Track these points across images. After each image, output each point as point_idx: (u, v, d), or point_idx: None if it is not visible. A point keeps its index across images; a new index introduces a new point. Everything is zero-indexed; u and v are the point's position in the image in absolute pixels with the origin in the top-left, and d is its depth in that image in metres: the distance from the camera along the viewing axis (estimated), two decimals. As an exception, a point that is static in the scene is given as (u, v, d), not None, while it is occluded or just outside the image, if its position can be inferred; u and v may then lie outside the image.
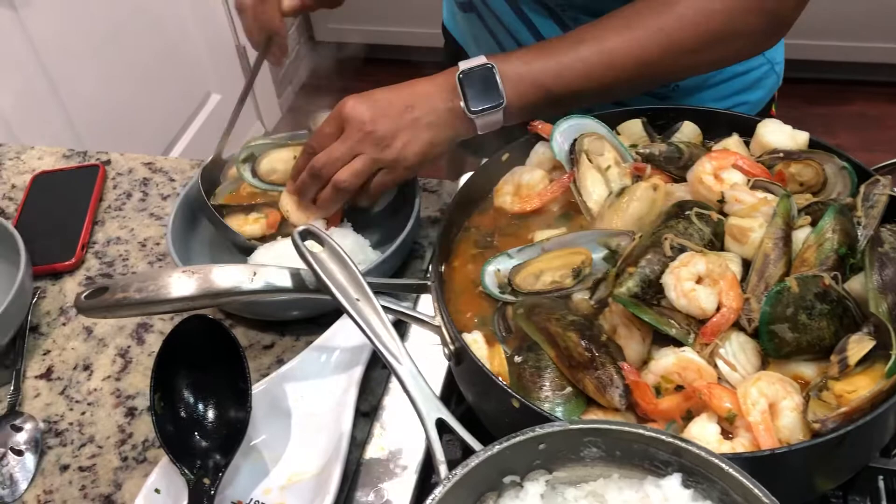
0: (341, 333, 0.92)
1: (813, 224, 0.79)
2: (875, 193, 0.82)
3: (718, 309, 0.72)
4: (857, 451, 0.70)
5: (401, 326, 0.92)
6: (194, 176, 1.04)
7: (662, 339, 0.74)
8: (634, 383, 0.69)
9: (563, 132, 0.91)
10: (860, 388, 0.67)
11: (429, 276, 0.81)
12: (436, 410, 0.66)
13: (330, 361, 0.91)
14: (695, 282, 0.73)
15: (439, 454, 0.65)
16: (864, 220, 0.81)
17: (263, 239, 1.03)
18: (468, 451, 0.68)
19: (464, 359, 0.75)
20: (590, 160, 0.88)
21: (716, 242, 0.79)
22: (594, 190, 0.88)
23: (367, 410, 0.90)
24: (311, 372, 0.90)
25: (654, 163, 0.89)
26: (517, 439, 0.62)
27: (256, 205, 1.06)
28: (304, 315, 0.99)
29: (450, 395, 0.89)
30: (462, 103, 0.91)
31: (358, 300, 0.70)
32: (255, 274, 0.76)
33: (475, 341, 0.78)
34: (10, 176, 1.28)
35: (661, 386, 0.71)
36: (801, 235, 0.78)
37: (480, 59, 0.92)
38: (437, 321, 0.78)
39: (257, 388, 0.87)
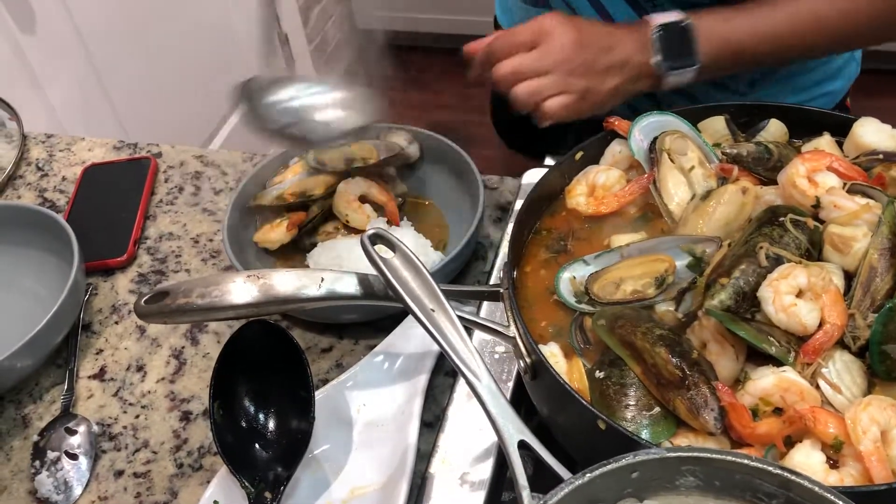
0: (403, 339, 0.89)
1: (919, 233, 0.73)
2: (985, 199, 0.76)
3: (821, 326, 0.67)
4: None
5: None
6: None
7: (756, 357, 0.69)
8: (731, 405, 0.64)
9: (643, 129, 0.86)
10: (981, 415, 0.62)
11: (494, 281, 0.77)
12: (518, 432, 0.62)
13: (393, 368, 0.87)
14: (795, 296, 0.67)
15: (521, 479, 0.60)
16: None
17: (285, 246, 1.00)
18: (540, 467, 0.64)
19: (541, 373, 0.71)
20: (672, 160, 0.83)
21: (812, 252, 0.73)
22: (676, 192, 0.82)
23: (430, 420, 0.86)
24: (373, 379, 0.86)
25: (741, 164, 0.83)
26: (610, 467, 0.58)
27: (290, 206, 1.02)
28: (361, 319, 0.95)
29: (518, 405, 0.84)
30: (655, 60, 0.88)
31: (433, 311, 0.66)
32: (322, 280, 0.72)
33: (553, 354, 0.73)
34: (60, 168, 1.26)
35: (758, 408, 0.66)
36: (906, 246, 0.72)
37: (676, 15, 0.88)
38: (512, 331, 0.73)
39: (318, 396, 0.83)
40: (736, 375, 0.69)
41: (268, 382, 0.80)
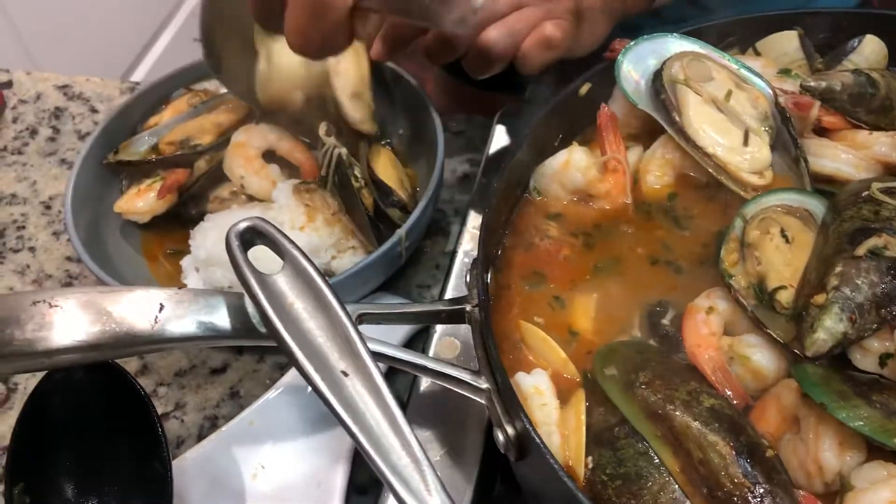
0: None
1: None
2: None
3: None
4: None
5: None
6: None
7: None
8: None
9: (635, 61, 0.57)
10: None
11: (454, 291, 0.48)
12: None
13: (307, 412, 0.59)
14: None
15: None
16: None
17: (162, 218, 0.70)
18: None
19: (530, 451, 0.43)
20: (695, 91, 0.55)
21: None
22: (717, 135, 0.54)
23: (364, 484, 0.58)
24: (276, 428, 0.58)
25: (832, 103, 0.55)
26: None
27: (166, 160, 0.72)
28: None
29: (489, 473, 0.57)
30: None
31: (346, 374, 0.37)
32: (159, 309, 0.42)
33: (538, 391, 0.45)
34: None
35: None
36: None
37: None
38: (484, 383, 0.45)
39: (191, 455, 0.55)
40: (840, 467, 0.42)
41: (99, 450, 0.51)
